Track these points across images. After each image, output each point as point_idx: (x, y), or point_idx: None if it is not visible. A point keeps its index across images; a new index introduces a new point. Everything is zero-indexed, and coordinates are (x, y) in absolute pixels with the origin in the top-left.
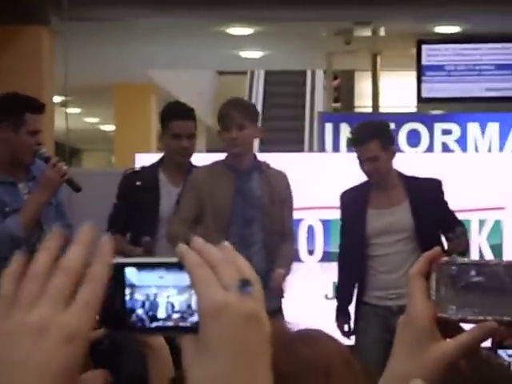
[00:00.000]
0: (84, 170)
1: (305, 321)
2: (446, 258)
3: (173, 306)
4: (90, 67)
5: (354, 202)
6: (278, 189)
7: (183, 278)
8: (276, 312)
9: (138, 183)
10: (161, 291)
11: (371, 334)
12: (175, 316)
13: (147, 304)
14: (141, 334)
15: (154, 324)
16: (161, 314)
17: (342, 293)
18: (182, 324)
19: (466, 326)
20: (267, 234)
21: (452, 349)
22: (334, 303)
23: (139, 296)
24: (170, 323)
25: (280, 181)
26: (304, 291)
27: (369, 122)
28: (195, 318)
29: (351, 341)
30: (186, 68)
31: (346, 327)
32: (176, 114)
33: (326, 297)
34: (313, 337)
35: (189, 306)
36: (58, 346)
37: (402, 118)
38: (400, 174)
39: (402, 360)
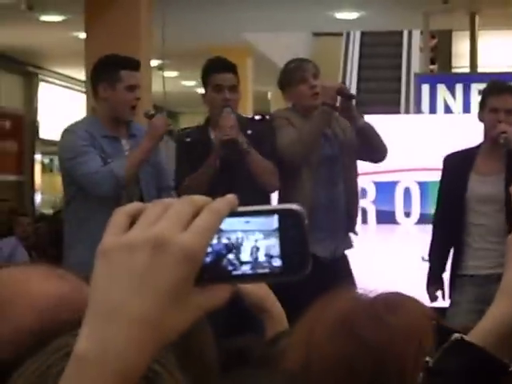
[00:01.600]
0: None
1: (401, 283)
2: None
3: (258, 250)
4: (186, 31)
5: (457, 166)
6: (345, 131)
7: (269, 222)
8: (342, 258)
9: (188, 140)
10: (247, 235)
11: (465, 306)
12: (261, 259)
13: (234, 249)
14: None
15: (237, 271)
16: (246, 257)
17: (435, 258)
18: (262, 271)
19: None
20: (348, 178)
21: None
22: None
23: (225, 240)
24: (253, 270)
25: (343, 122)
26: (401, 253)
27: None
28: (276, 264)
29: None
30: (281, 30)
31: (438, 294)
32: (216, 67)
33: (423, 258)
34: (397, 302)
35: (273, 251)
36: (174, 262)
37: (501, 78)
38: None
39: None
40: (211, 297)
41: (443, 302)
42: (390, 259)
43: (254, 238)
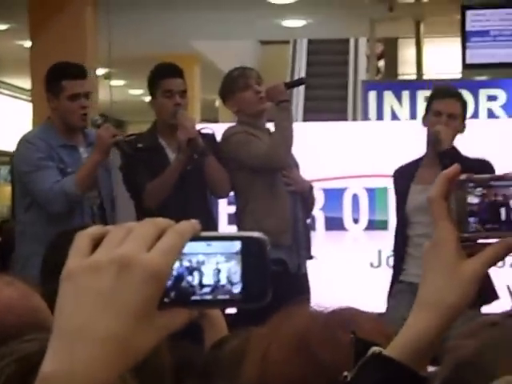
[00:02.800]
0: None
1: (350, 290)
2: (464, 176)
3: (220, 273)
4: (133, 39)
5: (402, 178)
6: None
7: (231, 246)
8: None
9: (140, 146)
10: (208, 258)
11: (401, 312)
12: (223, 283)
13: (195, 272)
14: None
15: (200, 296)
16: (208, 280)
17: (393, 275)
18: (222, 297)
19: None
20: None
21: (479, 265)
22: (379, 271)
23: (186, 263)
24: (212, 296)
25: None
26: (349, 260)
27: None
28: (237, 290)
29: None
30: (228, 38)
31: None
32: (166, 73)
33: (371, 265)
34: (351, 319)
35: (233, 276)
36: (139, 282)
37: (446, 85)
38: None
39: (432, 285)
40: (172, 319)
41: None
42: (339, 266)
43: (216, 261)
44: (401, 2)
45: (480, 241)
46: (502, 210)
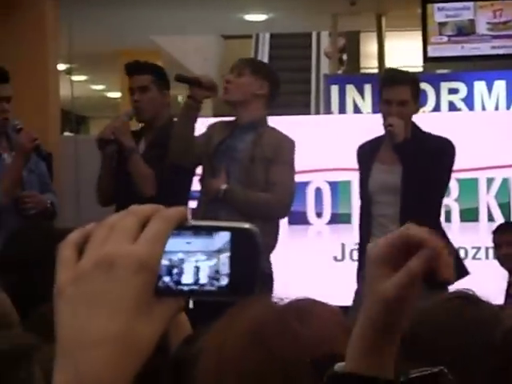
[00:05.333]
0: (92, 137)
1: (313, 283)
2: None
3: (200, 271)
4: (94, 34)
5: (365, 155)
6: (265, 147)
7: (212, 243)
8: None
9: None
10: (188, 257)
11: None
12: (203, 281)
13: (174, 270)
14: (174, 298)
15: (183, 288)
16: (187, 279)
17: (362, 253)
18: (209, 288)
19: None
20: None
21: (390, 288)
22: (343, 265)
23: (166, 261)
24: (199, 288)
25: (271, 141)
26: (313, 253)
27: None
28: (224, 282)
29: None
30: (190, 33)
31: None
32: (128, 70)
33: (335, 258)
34: (308, 311)
35: (217, 271)
36: (129, 274)
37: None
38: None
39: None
40: (168, 307)
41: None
42: (302, 260)
43: (195, 259)
44: None
45: None
46: None
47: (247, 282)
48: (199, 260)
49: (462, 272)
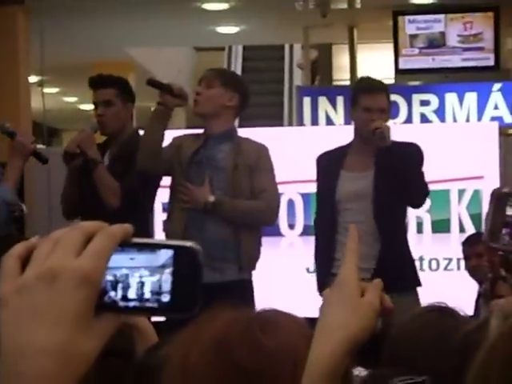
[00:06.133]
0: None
1: (286, 295)
2: (504, 189)
3: (144, 287)
4: (66, 46)
5: (328, 165)
6: (247, 155)
7: (155, 259)
8: (246, 284)
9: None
10: (132, 272)
11: None
12: (147, 296)
13: (119, 285)
14: (114, 314)
15: (126, 304)
16: (132, 295)
17: (321, 263)
18: (151, 305)
19: None
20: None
21: (374, 300)
22: (315, 276)
23: (110, 277)
24: (141, 304)
25: (251, 149)
26: (285, 265)
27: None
28: (165, 300)
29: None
30: (163, 45)
31: None
32: (92, 84)
33: (308, 270)
34: (273, 322)
35: (160, 288)
36: (72, 288)
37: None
38: None
39: (333, 318)
40: (108, 323)
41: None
42: (275, 271)
43: (139, 275)
44: (334, 8)
45: None
46: None
47: (189, 300)
48: (143, 275)
49: (416, 282)
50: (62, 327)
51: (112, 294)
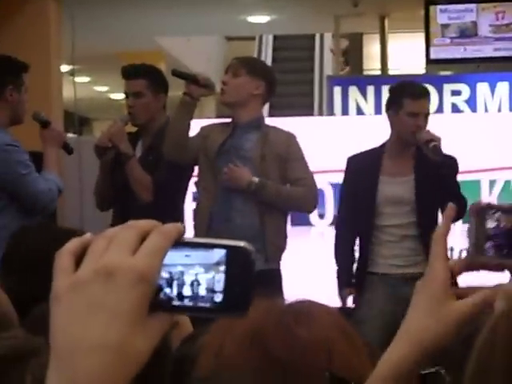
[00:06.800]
0: (95, 138)
1: (316, 284)
2: (484, 203)
3: (199, 284)
4: (97, 35)
5: (363, 167)
6: (275, 145)
7: (210, 256)
8: (274, 273)
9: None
10: (187, 269)
11: (376, 305)
12: (202, 294)
13: (174, 282)
14: (168, 313)
15: (181, 302)
16: (187, 292)
17: (343, 260)
18: (204, 304)
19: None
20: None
21: (466, 309)
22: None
23: (165, 274)
24: (194, 303)
25: (279, 138)
26: (315, 255)
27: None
28: (218, 299)
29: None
30: (193, 34)
31: (350, 299)
32: (124, 74)
33: None
34: (307, 313)
35: (213, 286)
36: (128, 286)
37: (411, 80)
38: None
39: (417, 320)
40: (162, 322)
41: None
42: (305, 261)
43: (195, 272)
44: None
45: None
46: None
47: (242, 300)
48: (198, 273)
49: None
50: (117, 325)
51: (167, 290)
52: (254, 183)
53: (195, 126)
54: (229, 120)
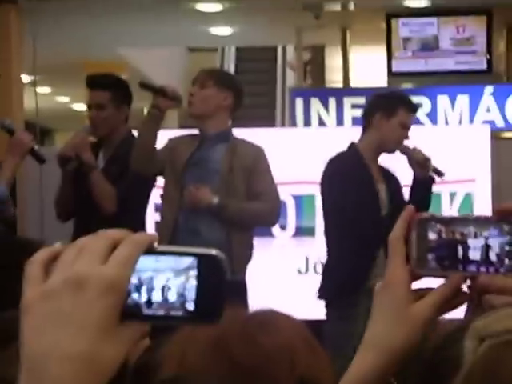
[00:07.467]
0: (57, 149)
1: (277, 296)
2: (425, 214)
3: (169, 289)
4: (59, 45)
5: (356, 173)
6: (243, 157)
7: (180, 261)
8: (240, 284)
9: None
10: (157, 274)
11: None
12: (172, 300)
13: (143, 288)
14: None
15: (153, 311)
16: (156, 297)
17: (355, 269)
18: (176, 313)
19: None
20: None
21: (427, 309)
22: (307, 278)
23: (134, 280)
24: (165, 312)
25: (248, 151)
26: (277, 266)
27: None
28: (190, 308)
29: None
30: (156, 45)
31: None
32: (88, 83)
33: (299, 271)
34: (270, 322)
35: (185, 293)
36: (97, 295)
37: (372, 93)
38: None
39: (380, 326)
40: (133, 331)
41: (319, 315)
42: (266, 272)
43: (165, 277)
44: (327, 10)
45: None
46: (459, 248)
47: (214, 307)
48: (169, 278)
49: None
50: (87, 334)
51: (135, 296)
52: (214, 205)
53: (160, 137)
54: (196, 132)
